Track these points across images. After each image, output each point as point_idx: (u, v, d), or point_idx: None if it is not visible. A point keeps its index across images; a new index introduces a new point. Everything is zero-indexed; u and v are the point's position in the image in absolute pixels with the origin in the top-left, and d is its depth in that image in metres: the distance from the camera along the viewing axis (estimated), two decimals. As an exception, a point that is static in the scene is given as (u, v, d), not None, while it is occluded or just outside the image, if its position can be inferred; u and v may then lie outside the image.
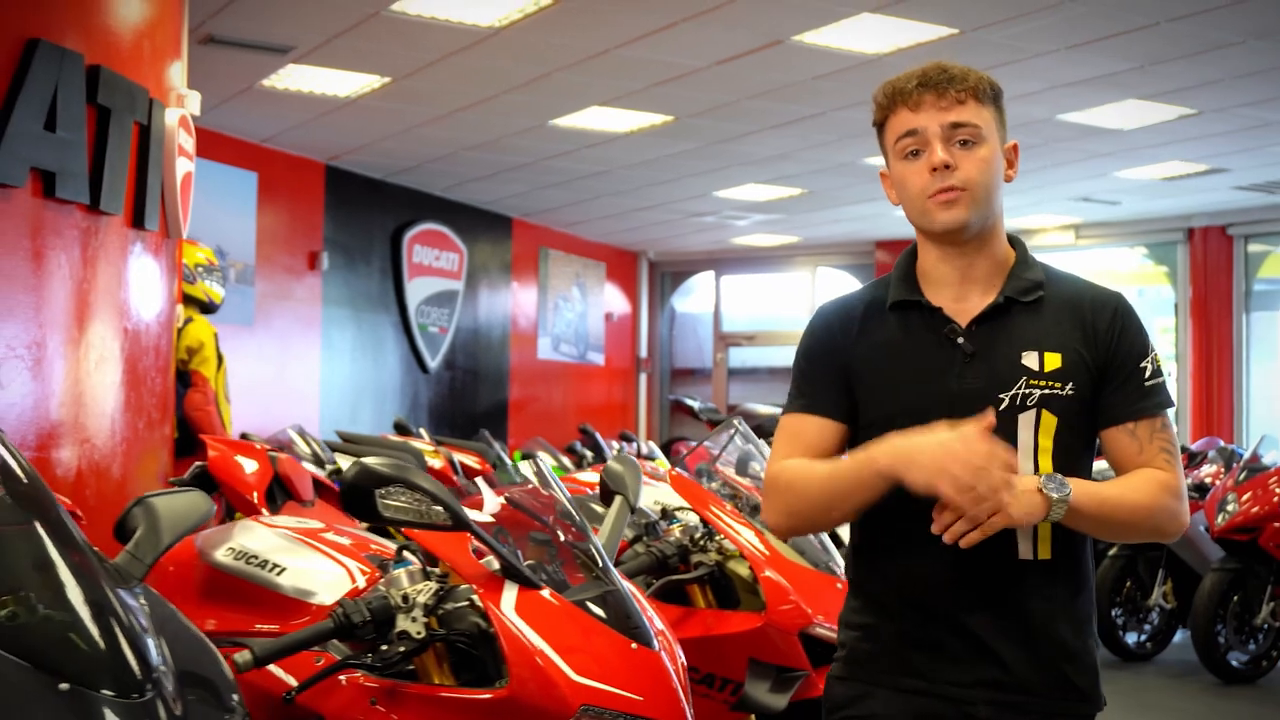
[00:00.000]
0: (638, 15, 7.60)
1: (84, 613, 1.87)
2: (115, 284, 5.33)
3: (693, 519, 3.73)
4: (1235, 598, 7.74)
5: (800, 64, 8.46)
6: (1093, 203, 13.28)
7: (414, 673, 2.55)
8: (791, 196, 13.19)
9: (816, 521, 2.31)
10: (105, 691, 1.80)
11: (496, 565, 2.55)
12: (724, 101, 9.47)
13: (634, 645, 2.51)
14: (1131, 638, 8.51)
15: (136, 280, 5.51)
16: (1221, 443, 11.37)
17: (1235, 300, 13.95)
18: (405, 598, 2.47)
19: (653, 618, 2.69)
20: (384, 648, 2.45)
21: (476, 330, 14.39)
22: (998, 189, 2.25)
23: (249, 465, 3.90)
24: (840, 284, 16.35)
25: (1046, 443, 2.19)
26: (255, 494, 3.80)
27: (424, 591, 2.49)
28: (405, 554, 2.67)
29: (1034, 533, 2.17)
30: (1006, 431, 2.14)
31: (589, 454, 11.23)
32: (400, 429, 9.50)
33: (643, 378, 17.82)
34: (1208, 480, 8.90)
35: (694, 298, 18.44)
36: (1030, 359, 2.20)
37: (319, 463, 6.30)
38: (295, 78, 9.01)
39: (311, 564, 2.67)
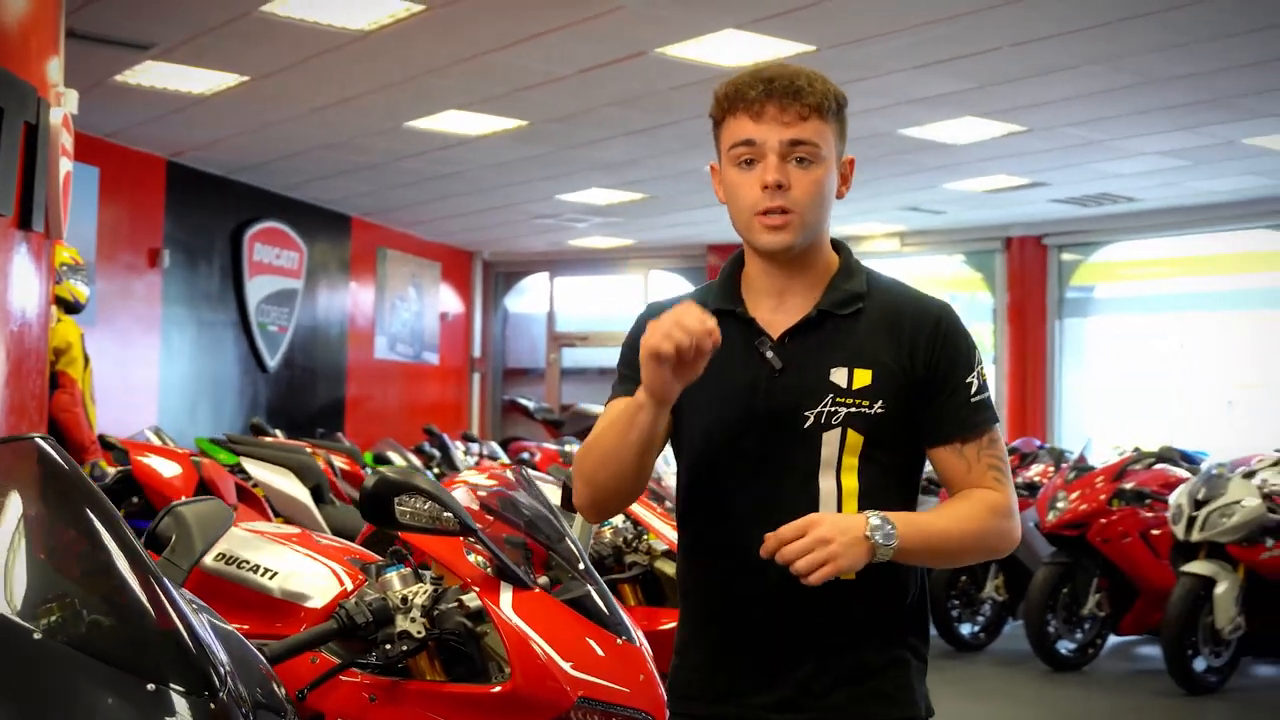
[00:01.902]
0: (510, 23, 7.73)
1: (154, 613, 1.92)
2: (1, 285, 5.26)
3: (619, 520, 3.91)
4: (1065, 590, 8.16)
5: (659, 75, 8.69)
6: (919, 212, 13.83)
7: (406, 670, 2.67)
8: (633, 201, 13.43)
9: (602, 476, 2.16)
10: (181, 688, 1.86)
11: (489, 567, 2.69)
12: (580, 109, 9.65)
13: (619, 640, 2.67)
14: (966, 629, 8.92)
15: (20, 282, 5.43)
16: (1038, 442, 11.99)
17: (1049, 307, 14.70)
18: (404, 599, 2.60)
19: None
20: (387, 647, 2.57)
21: (315, 329, 14.30)
22: (828, 209, 2.20)
23: (173, 470, 3.93)
24: (672, 286, 16.66)
25: (852, 461, 2.14)
26: (182, 498, 3.82)
27: (420, 593, 2.62)
28: (395, 558, 2.78)
29: None
30: (811, 449, 2.12)
31: (436, 454, 11.28)
32: (256, 430, 9.44)
33: (476, 377, 17.88)
34: (1037, 479, 9.39)
35: (527, 298, 18.57)
36: (839, 375, 2.14)
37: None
38: (152, 74, 8.90)
39: (301, 567, 2.76)
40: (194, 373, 12.44)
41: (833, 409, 2.13)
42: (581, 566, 2.78)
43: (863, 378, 2.14)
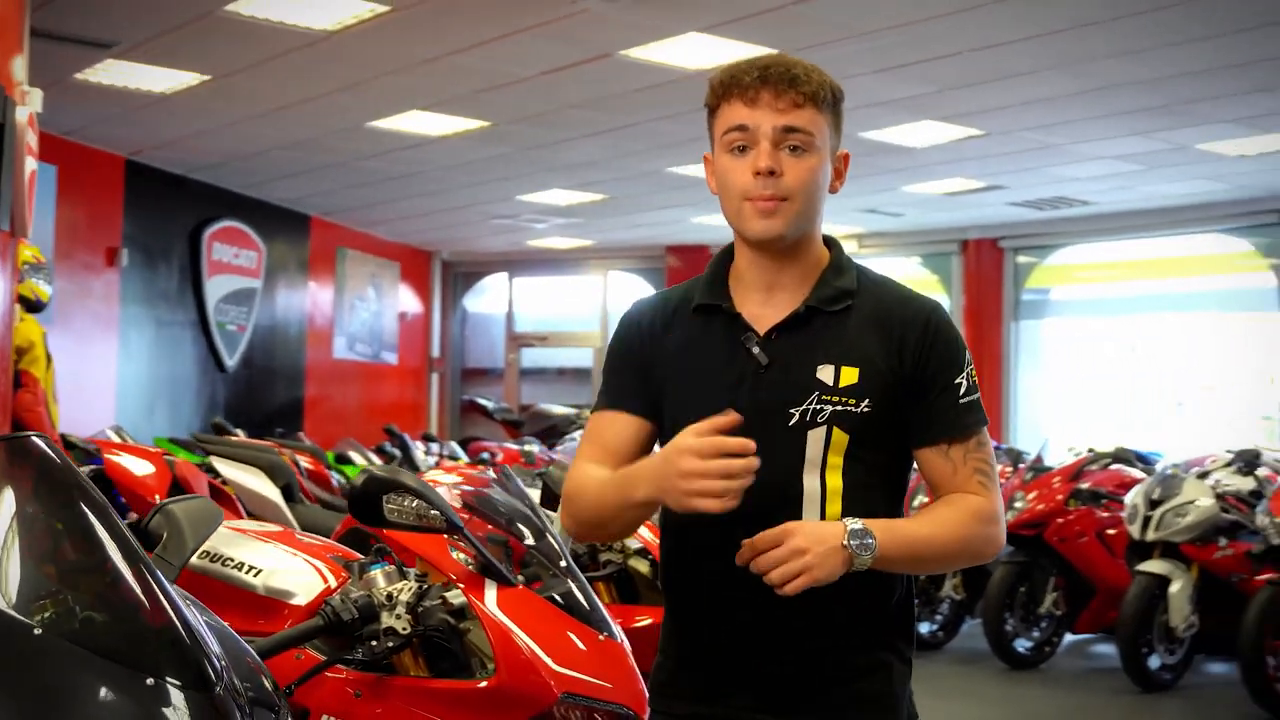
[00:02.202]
0: (474, 24, 7.75)
1: (151, 608, 1.95)
2: (-34, 284, 5.25)
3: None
4: (1022, 589, 8.26)
5: (623, 77, 8.73)
6: (878, 214, 13.95)
7: (390, 666, 2.70)
8: (593, 202, 13.46)
9: (597, 533, 2.20)
10: (179, 683, 1.88)
11: (472, 564, 2.73)
12: (544, 110, 9.68)
13: (601, 636, 2.72)
14: (925, 627, 8.98)
15: (-16, 280, 5.43)
16: (995, 443, 12.09)
17: (1005, 309, 14.86)
18: (389, 596, 2.62)
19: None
20: (372, 643, 2.59)
21: (274, 329, 14.26)
22: (821, 200, 2.18)
23: (146, 468, 3.93)
24: (631, 287, 16.72)
25: (836, 460, 2.10)
26: (156, 497, 3.82)
27: (405, 590, 2.65)
28: (378, 555, 2.81)
29: None
30: (796, 447, 2.09)
31: (397, 454, 11.27)
32: (219, 429, 9.41)
33: (434, 377, 17.87)
34: (995, 479, 9.46)
35: (486, 298, 18.58)
36: (826, 373, 2.11)
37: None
38: (113, 73, 8.86)
39: (285, 565, 2.79)
40: (152, 372, 12.38)
41: (818, 407, 2.09)
42: (563, 563, 2.81)
43: (849, 376, 2.11)
